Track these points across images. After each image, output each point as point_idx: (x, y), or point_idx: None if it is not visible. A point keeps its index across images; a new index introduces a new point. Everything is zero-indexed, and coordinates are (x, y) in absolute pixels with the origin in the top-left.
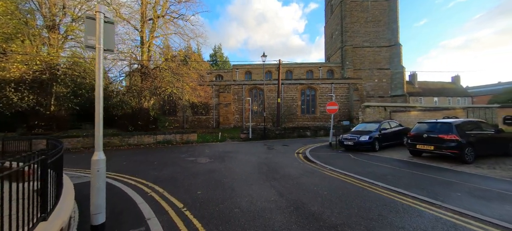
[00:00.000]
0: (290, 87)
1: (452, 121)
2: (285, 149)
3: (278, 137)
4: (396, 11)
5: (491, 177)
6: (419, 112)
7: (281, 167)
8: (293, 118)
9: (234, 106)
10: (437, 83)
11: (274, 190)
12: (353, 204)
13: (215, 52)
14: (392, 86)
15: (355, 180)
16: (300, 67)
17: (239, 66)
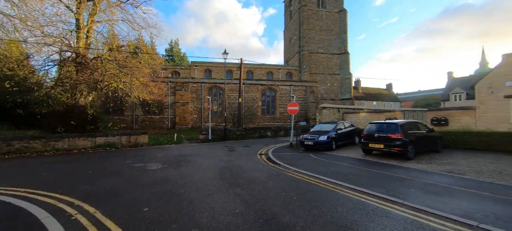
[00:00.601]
0: (251, 88)
1: (398, 122)
2: (247, 151)
3: (239, 137)
4: (346, 23)
5: (432, 172)
6: (366, 113)
7: (245, 171)
8: (253, 119)
9: (192, 105)
10: (375, 89)
11: (239, 199)
12: (325, 210)
13: (171, 47)
14: (342, 90)
15: (321, 182)
16: (261, 68)
17: (198, 63)
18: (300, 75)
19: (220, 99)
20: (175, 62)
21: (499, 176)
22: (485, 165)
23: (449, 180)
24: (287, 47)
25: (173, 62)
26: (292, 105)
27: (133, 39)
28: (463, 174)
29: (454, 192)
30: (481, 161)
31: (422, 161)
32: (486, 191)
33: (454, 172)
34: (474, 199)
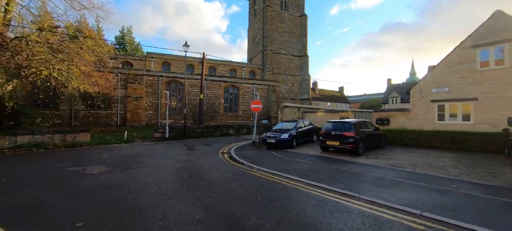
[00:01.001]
0: (213, 84)
1: (351, 121)
2: (208, 150)
3: (199, 136)
4: (306, 27)
5: (379, 166)
6: (323, 113)
7: (205, 172)
8: (215, 116)
9: (147, 100)
10: (330, 91)
11: (199, 204)
12: (290, 209)
13: (122, 35)
14: (301, 90)
15: (284, 180)
16: (224, 65)
17: (155, 55)
18: (263, 74)
19: (180, 95)
20: (127, 52)
21: (429, 168)
22: (418, 159)
23: (393, 173)
24: (251, 45)
25: (125, 52)
26: (255, 103)
27: (73, 20)
28: (403, 167)
29: (398, 184)
30: (415, 155)
31: (370, 156)
32: (422, 182)
33: (396, 165)
34: (414, 189)
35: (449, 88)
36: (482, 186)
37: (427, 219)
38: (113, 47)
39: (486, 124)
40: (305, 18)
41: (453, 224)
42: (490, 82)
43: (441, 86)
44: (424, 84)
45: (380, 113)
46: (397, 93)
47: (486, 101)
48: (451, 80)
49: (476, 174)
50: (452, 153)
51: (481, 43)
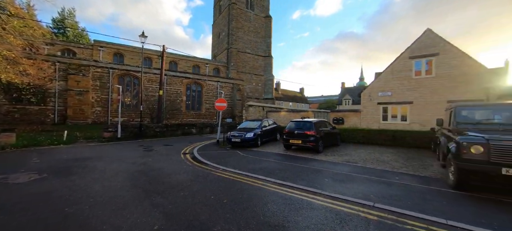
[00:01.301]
0: (174, 80)
1: (312, 121)
2: (168, 150)
3: (158, 135)
4: (270, 28)
5: (336, 162)
6: (286, 112)
7: (165, 175)
8: (177, 114)
9: (94, 95)
10: (292, 91)
11: (158, 211)
12: (257, 210)
13: (63, 18)
14: (265, 90)
15: (251, 179)
16: (187, 60)
17: (104, 43)
18: (227, 72)
19: (135, 90)
20: (68, 38)
21: (377, 162)
22: (367, 155)
23: (348, 168)
24: (215, 42)
25: (66, 38)
26: (220, 101)
27: None
28: (356, 162)
29: (353, 179)
30: (365, 152)
31: (328, 153)
32: (372, 175)
33: (350, 161)
34: (367, 183)
35: (392, 92)
36: (417, 177)
37: (380, 210)
38: (49, 30)
39: (418, 123)
40: (270, 19)
41: (400, 212)
42: (422, 89)
43: (385, 90)
44: (372, 89)
45: (336, 114)
46: (349, 95)
47: (418, 104)
48: (393, 86)
49: (412, 167)
50: (393, 149)
51: (415, 55)
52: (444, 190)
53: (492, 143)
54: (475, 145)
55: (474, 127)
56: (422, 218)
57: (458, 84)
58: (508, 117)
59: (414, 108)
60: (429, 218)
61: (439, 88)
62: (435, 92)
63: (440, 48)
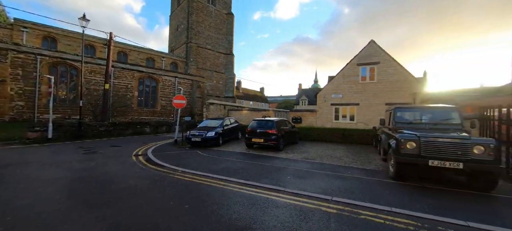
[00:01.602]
0: (124, 73)
1: (274, 120)
2: (116, 152)
3: (103, 135)
4: (232, 26)
5: (296, 160)
6: (248, 111)
7: (113, 181)
8: (127, 111)
9: (14, 86)
10: (252, 91)
11: (106, 225)
12: (223, 213)
13: None
14: (226, 88)
15: (214, 181)
16: (139, 52)
17: (30, 24)
18: (186, 67)
19: (73, 82)
20: None
21: (331, 159)
22: (322, 152)
23: (307, 165)
24: (173, 35)
25: None
26: (179, 98)
27: None
28: (314, 159)
29: (313, 175)
30: (320, 149)
31: (288, 151)
32: (328, 171)
33: (309, 158)
34: (325, 178)
35: (343, 94)
36: (364, 170)
37: (337, 203)
38: None
39: (363, 123)
40: (232, 16)
41: (354, 204)
42: (366, 92)
43: (337, 92)
44: (327, 91)
45: (295, 113)
46: (306, 96)
47: (363, 106)
48: (344, 89)
49: (360, 161)
50: (343, 146)
51: (361, 62)
52: (386, 181)
53: (422, 140)
54: (409, 141)
55: (408, 126)
56: (371, 208)
57: (394, 89)
58: (431, 118)
59: (360, 109)
60: (377, 207)
61: (380, 92)
62: (377, 96)
63: (381, 57)
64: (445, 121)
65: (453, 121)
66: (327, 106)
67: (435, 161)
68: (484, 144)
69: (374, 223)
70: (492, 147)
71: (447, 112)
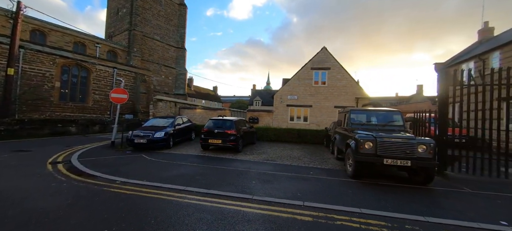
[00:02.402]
0: (40, 57)
1: (233, 119)
2: (22, 160)
3: (4, 136)
4: (185, 18)
5: (257, 161)
6: (202, 110)
7: (13, 204)
8: (43, 106)
9: None
10: (205, 89)
11: None
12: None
13: None
14: (176, 84)
15: (166, 192)
16: (64, 33)
17: None
18: (128, 58)
19: None
20: None
21: (291, 159)
22: (281, 152)
23: (270, 167)
24: (113, 19)
25: None
26: (118, 92)
27: None
28: (274, 160)
29: (278, 178)
30: (278, 149)
31: (247, 152)
32: (292, 172)
33: (269, 159)
34: (290, 181)
35: (298, 96)
36: (324, 170)
37: (310, 208)
38: None
39: (315, 124)
40: (185, 8)
41: (325, 208)
42: (318, 95)
43: (293, 94)
44: (283, 92)
45: (252, 113)
46: (259, 97)
47: (316, 108)
48: (299, 91)
49: (318, 161)
50: (298, 146)
51: (315, 67)
52: (346, 180)
53: (378, 140)
54: (367, 141)
55: (361, 127)
56: (343, 211)
57: (341, 93)
58: (380, 119)
59: (313, 111)
60: (348, 209)
61: (330, 95)
62: (327, 99)
63: (331, 63)
64: (391, 122)
65: (397, 123)
66: (283, 107)
67: (389, 160)
68: (426, 143)
69: (352, 228)
70: (432, 146)
71: (392, 115)
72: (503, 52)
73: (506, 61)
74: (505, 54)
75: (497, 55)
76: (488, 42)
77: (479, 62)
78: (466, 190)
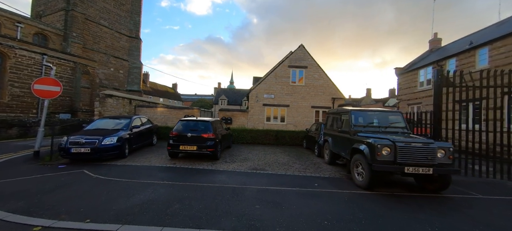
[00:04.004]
0: None
1: (208, 120)
2: None
3: None
4: (140, 4)
5: (245, 172)
6: (165, 109)
7: None
8: None
9: None
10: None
11: None
12: None
13: None
14: (129, 79)
15: None
16: None
17: None
18: (65, 44)
19: None
20: None
21: (281, 166)
22: (264, 157)
23: (266, 180)
24: None
25: None
26: (46, 82)
27: None
28: (264, 169)
29: (284, 196)
30: (259, 153)
31: (227, 159)
32: (295, 186)
33: (257, 168)
34: (301, 199)
35: (274, 95)
36: (326, 179)
37: None
38: None
39: (292, 124)
40: None
41: None
42: (296, 94)
43: (269, 93)
44: (259, 90)
45: (225, 113)
46: (225, 96)
47: (293, 107)
48: (276, 89)
49: (313, 168)
50: (279, 149)
51: (292, 65)
52: (360, 192)
53: (398, 145)
54: (385, 147)
55: (364, 130)
56: None
57: (318, 93)
58: (381, 121)
59: (290, 111)
60: None
61: (307, 95)
62: (304, 98)
63: (308, 62)
64: (393, 124)
65: (398, 124)
66: (259, 106)
67: (410, 168)
68: (445, 147)
69: None
70: (451, 150)
71: (393, 116)
72: (459, 59)
73: (461, 67)
74: (460, 61)
75: (453, 61)
76: (438, 50)
77: (437, 67)
78: (476, 195)
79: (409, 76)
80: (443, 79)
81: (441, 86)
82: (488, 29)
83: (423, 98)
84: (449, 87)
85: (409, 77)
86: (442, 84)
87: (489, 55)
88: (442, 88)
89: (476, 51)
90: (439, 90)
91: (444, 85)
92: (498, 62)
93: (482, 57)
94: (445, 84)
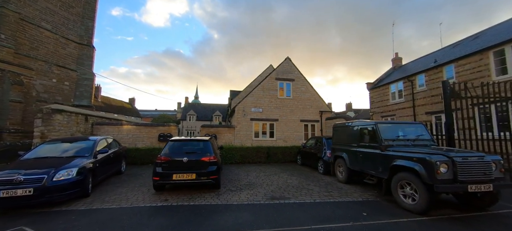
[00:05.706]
0: None
1: (204, 139)
2: None
3: None
4: (95, 8)
5: (262, 204)
6: (133, 126)
7: None
8: None
9: None
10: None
11: None
12: None
13: None
14: (78, 93)
15: None
16: None
17: None
18: None
19: None
20: None
21: (300, 191)
22: (269, 180)
23: (301, 213)
24: None
25: None
26: None
27: None
28: (284, 199)
29: None
30: (261, 175)
31: (229, 186)
32: (335, 221)
33: (275, 198)
34: None
35: (263, 108)
36: (359, 203)
37: None
38: None
39: (282, 140)
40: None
41: None
42: (284, 108)
43: (257, 106)
44: (246, 103)
45: (208, 129)
46: (194, 111)
47: (282, 121)
48: (264, 103)
49: (333, 191)
50: (275, 167)
51: (280, 77)
52: (420, 219)
53: (456, 160)
54: (443, 163)
55: (393, 143)
56: None
57: (306, 106)
58: (407, 134)
59: (279, 125)
60: None
61: (295, 108)
62: (293, 112)
63: (295, 75)
64: (420, 137)
65: (425, 137)
66: (247, 121)
67: (473, 186)
68: (496, 160)
69: None
70: (502, 163)
71: (417, 128)
72: (427, 75)
73: (430, 82)
74: (429, 77)
75: (422, 76)
76: (400, 68)
77: (407, 82)
78: None
79: (380, 90)
80: (452, 91)
81: (450, 97)
82: (447, 48)
83: (396, 110)
84: (456, 99)
85: (380, 91)
86: (451, 96)
87: (456, 71)
88: (451, 100)
89: (443, 68)
90: (449, 101)
91: (452, 97)
92: (464, 77)
93: (449, 73)
94: (453, 96)
